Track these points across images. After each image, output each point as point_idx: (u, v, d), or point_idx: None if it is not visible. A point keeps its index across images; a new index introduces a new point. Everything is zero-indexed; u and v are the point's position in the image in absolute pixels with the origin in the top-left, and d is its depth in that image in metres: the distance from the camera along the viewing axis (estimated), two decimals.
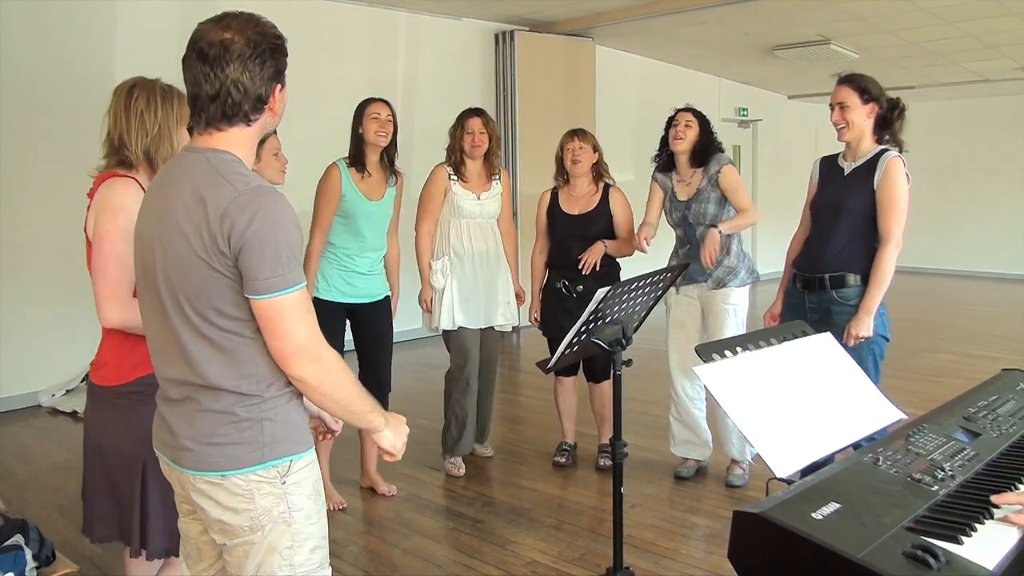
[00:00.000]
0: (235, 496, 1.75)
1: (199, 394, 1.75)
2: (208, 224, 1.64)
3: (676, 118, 4.40)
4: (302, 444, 1.82)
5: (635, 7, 8.32)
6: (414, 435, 5.68)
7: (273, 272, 1.65)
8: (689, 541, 3.76)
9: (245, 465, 1.74)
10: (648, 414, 5.59)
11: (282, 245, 1.66)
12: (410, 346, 7.75)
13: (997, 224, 13.28)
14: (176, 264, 1.70)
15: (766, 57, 10.37)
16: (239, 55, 1.71)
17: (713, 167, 4.28)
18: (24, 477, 4.76)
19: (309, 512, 1.81)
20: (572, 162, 4.52)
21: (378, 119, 4.10)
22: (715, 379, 1.99)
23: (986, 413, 2.14)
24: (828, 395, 2.15)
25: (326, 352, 1.74)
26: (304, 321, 1.70)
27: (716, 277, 4.28)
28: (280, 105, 1.81)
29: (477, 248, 4.51)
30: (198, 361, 1.73)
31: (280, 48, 1.78)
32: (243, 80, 1.71)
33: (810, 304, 3.57)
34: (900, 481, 1.71)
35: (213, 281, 1.68)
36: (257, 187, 1.68)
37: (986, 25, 8.43)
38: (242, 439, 1.74)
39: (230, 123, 1.75)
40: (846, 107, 3.50)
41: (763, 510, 1.51)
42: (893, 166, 3.42)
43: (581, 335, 2.71)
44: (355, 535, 3.90)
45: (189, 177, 1.72)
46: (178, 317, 1.73)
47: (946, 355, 7.50)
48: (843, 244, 3.50)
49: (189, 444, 1.77)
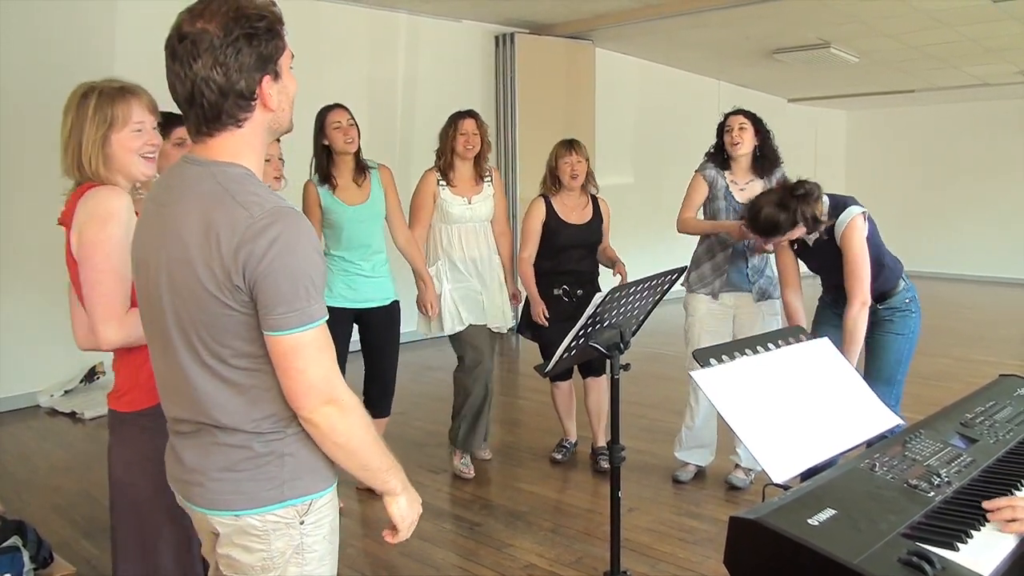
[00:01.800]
0: (249, 536, 1.60)
1: (214, 429, 1.59)
2: (221, 257, 1.45)
3: (728, 122, 4.31)
4: (325, 480, 1.66)
5: (635, 10, 8.32)
6: (413, 437, 5.70)
7: (290, 307, 1.47)
8: (686, 545, 3.75)
9: (262, 504, 1.58)
10: (645, 417, 5.59)
11: (300, 276, 1.47)
12: (409, 348, 7.73)
13: (996, 228, 13.29)
14: (186, 299, 1.52)
15: (766, 60, 10.38)
16: (208, 47, 1.46)
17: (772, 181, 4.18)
18: (22, 477, 4.75)
19: (323, 554, 1.67)
20: (571, 177, 4.51)
21: (340, 127, 4.06)
22: (713, 384, 2.00)
23: (983, 419, 2.15)
24: (825, 400, 2.15)
25: (344, 396, 1.55)
26: (320, 361, 1.52)
27: (760, 288, 4.25)
28: (277, 99, 1.57)
29: (470, 254, 4.48)
30: (211, 402, 1.56)
31: (260, 32, 1.50)
32: (214, 76, 1.47)
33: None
34: (896, 487, 1.71)
35: (227, 319, 1.50)
36: (273, 209, 1.47)
37: (986, 29, 8.44)
38: (260, 475, 1.58)
39: (216, 127, 1.53)
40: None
41: (759, 516, 1.51)
42: (851, 227, 3.41)
43: (579, 339, 2.71)
44: (352, 537, 3.89)
45: (195, 197, 1.51)
46: (189, 355, 1.56)
47: (944, 359, 7.50)
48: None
49: (200, 479, 1.61)
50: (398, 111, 8.47)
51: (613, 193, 4.77)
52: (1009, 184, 13.14)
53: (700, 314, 4.36)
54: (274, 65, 1.54)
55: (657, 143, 10.94)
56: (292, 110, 1.64)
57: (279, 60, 1.56)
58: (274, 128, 1.61)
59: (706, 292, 4.31)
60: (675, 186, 5.64)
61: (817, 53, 9.62)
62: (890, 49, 9.50)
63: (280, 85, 1.57)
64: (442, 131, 4.52)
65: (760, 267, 4.27)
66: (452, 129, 4.45)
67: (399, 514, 1.72)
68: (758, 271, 4.27)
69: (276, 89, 1.56)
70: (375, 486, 1.69)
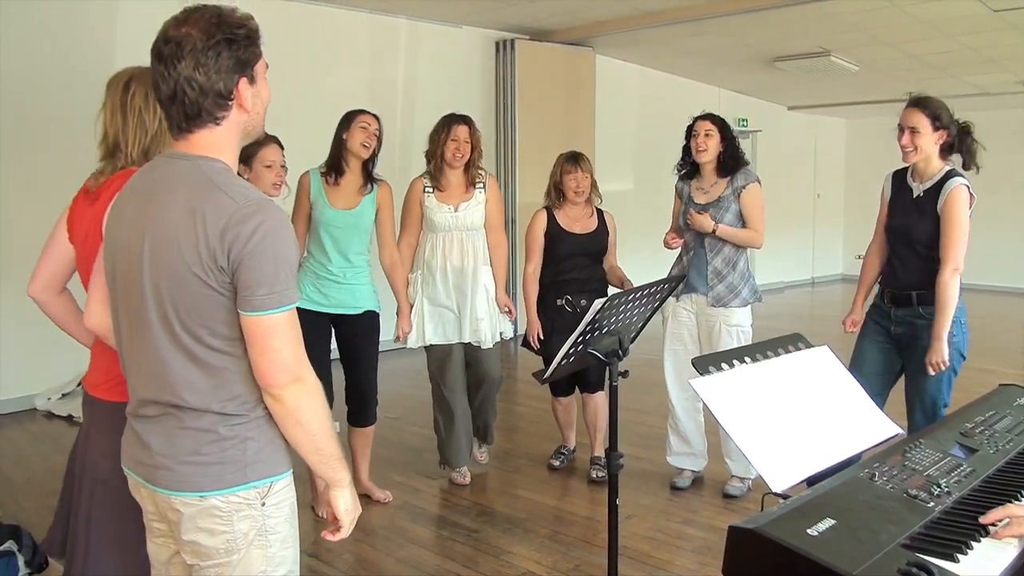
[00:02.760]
0: (213, 517, 1.68)
1: (179, 412, 1.68)
2: (207, 239, 1.57)
3: (695, 127, 4.33)
4: (283, 464, 1.75)
5: (635, 17, 8.32)
6: (410, 442, 5.69)
7: (271, 288, 1.59)
8: (684, 553, 3.74)
9: (227, 486, 1.67)
10: (644, 424, 5.58)
11: (282, 261, 1.61)
12: (405, 353, 7.70)
13: (996, 237, 13.26)
14: (168, 280, 1.62)
15: (766, 68, 10.38)
16: (191, 50, 1.60)
17: (740, 180, 4.26)
18: (19, 481, 4.74)
19: (285, 536, 1.76)
20: (576, 192, 4.51)
21: (366, 130, 4.04)
22: (711, 392, 1.99)
23: (983, 429, 2.14)
24: (825, 409, 2.14)
25: (310, 376, 1.67)
26: (293, 340, 1.64)
27: (716, 293, 4.24)
28: (252, 101, 1.70)
29: (452, 264, 4.36)
30: (181, 381, 1.65)
31: (239, 39, 1.65)
32: (196, 76, 1.61)
33: (896, 317, 3.64)
34: (896, 497, 1.70)
35: (206, 299, 1.61)
36: (258, 199, 1.62)
37: (986, 39, 8.44)
38: (224, 458, 1.67)
39: (196, 124, 1.66)
40: (916, 132, 3.55)
41: (758, 525, 1.50)
42: (955, 195, 3.48)
43: (578, 346, 2.70)
44: (348, 543, 3.87)
45: (183, 186, 1.63)
46: (165, 335, 1.65)
47: None
48: (921, 267, 3.58)
49: (168, 463, 1.69)
50: (398, 116, 8.46)
51: (613, 200, 4.77)
52: (1009, 193, 13.13)
53: (666, 314, 4.43)
54: (251, 70, 1.69)
55: (657, 150, 10.88)
56: (265, 116, 1.78)
57: (255, 66, 1.71)
58: (248, 130, 1.75)
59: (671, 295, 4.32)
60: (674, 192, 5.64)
61: (817, 61, 9.63)
62: (890, 58, 9.50)
63: (255, 89, 1.72)
64: (433, 132, 4.42)
65: (722, 272, 4.25)
66: (444, 133, 4.35)
67: (344, 507, 1.79)
68: (719, 275, 4.25)
69: (251, 92, 1.70)
70: (325, 474, 1.76)
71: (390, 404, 4.99)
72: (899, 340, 3.62)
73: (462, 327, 4.40)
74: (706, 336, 4.30)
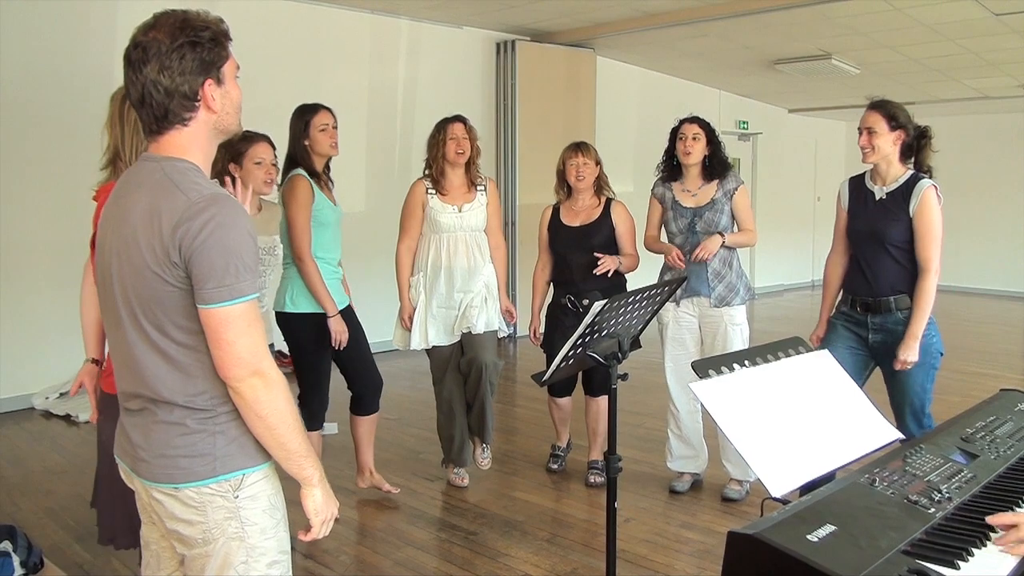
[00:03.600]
0: (189, 508, 1.74)
1: (154, 406, 1.74)
2: (162, 236, 1.62)
3: (682, 130, 4.34)
4: (256, 457, 1.78)
5: (636, 19, 8.32)
6: (408, 444, 5.69)
7: (220, 281, 1.62)
8: (683, 556, 3.73)
9: (198, 478, 1.72)
10: (643, 427, 5.57)
11: (232, 254, 1.63)
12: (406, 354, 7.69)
13: (996, 241, 13.28)
14: (132, 277, 1.68)
15: (767, 71, 10.37)
16: (155, 53, 1.66)
17: (731, 183, 4.31)
18: (16, 481, 4.73)
19: (264, 527, 1.78)
20: (577, 178, 4.48)
21: (327, 130, 3.97)
22: (711, 396, 1.98)
23: (984, 434, 2.13)
24: (825, 413, 2.13)
25: (270, 370, 1.69)
26: (248, 334, 1.66)
27: (719, 294, 4.25)
28: (220, 102, 1.74)
29: (457, 264, 4.35)
30: (152, 375, 1.71)
31: (203, 41, 1.69)
32: (161, 79, 1.66)
33: (873, 325, 3.63)
34: (897, 503, 1.69)
35: (167, 294, 1.66)
36: (211, 195, 1.65)
37: (987, 43, 8.44)
38: (195, 451, 1.72)
39: (165, 126, 1.71)
40: (874, 132, 3.59)
41: (758, 531, 1.49)
42: (928, 196, 3.54)
43: (577, 348, 2.69)
44: (347, 545, 3.87)
45: (146, 188, 1.69)
46: (135, 330, 1.72)
47: (943, 372, 7.35)
48: (897, 270, 3.60)
49: (144, 455, 1.76)
50: (398, 117, 8.46)
51: None
52: (1008, 197, 13.12)
53: (664, 321, 4.39)
54: (217, 71, 1.73)
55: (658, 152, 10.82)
56: (238, 115, 1.81)
57: (222, 67, 1.74)
58: (220, 129, 1.78)
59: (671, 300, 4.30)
60: None
61: (818, 64, 9.62)
62: (891, 61, 9.50)
63: (223, 90, 1.75)
64: (430, 138, 4.41)
65: (721, 272, 4.26)
66: (441, 135, 4.34)
67: (313, 508, 1.80)
68: (718, 276, 4.26)
69: (219, 93, 1.74)
70: (292, 471, 1.77)
71: (389, 405, 4.96)
72: (876, 347, 3.61)
73: (462, 320, 4.39)
74: (711, 338, 4.28)
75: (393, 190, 7.89)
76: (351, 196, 7.93)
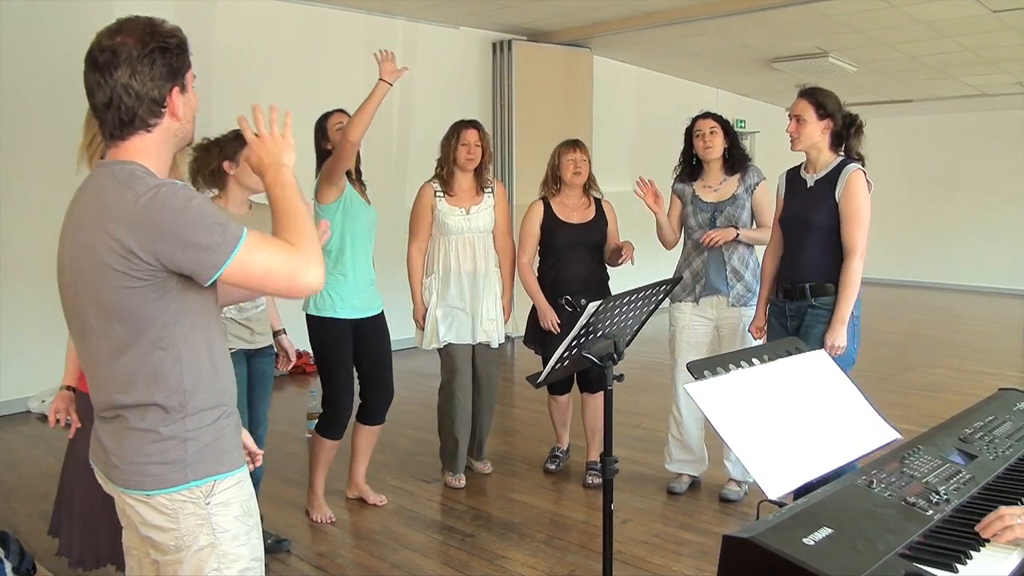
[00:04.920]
0: (161, 515, 1.74)
1: (126, 412, 1.73)
2: (116, 233, 1.61)
3: (697, 127, 4.31)
4: (228, 464, 1.78)
5: (633, 18, 8.30)
6: (405, 446, 5.66)
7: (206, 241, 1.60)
8: (681, 558, 3.71)
9: (169, 485, 1.72)
10: (641, 427, 5.54)
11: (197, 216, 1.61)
12: (403, 355, 7.68)
13: (994, 238, 13.25)
14: (95, 281, 1.66)
15: (764, 69, 10.36)
16: (127, 58, 1.66)
17: (752, 178, 4.30)
18: (11, 484, 4.70)
19: (236, 533, 1.78)
20: (574, 173, 4.48)
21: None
22: (707, 397, 1.96)
23: (983, 434, 2.11)
24: (822, 414, 2.11)
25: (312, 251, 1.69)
26: (270, 258, 1.64)
27: (737, 293, 4.22)
28: (183, 109, 1.75)
29: (465, 267, 4.39)
30: (122, 378, 1.71)
31: (172, 48, 1.71)
32: (133, 84, 1.67)
33: (790, 312, 3.71)
34: (894, 505, 1.67)
35: (129, 291, 1.64)
36: (157, 184, 1.64)
37: (985, 40, 8.42)
38: (166, 458, 1.72)
39: (129, 131, 1.71)
40: (802, 120, 3.63)
41: (754, 535, 1.47)
42: (854, 180, 3.54)
43: (572, 349, 2.67)
44: (343, 548, 3.85)
45: (95, 192, 1.69)
46: (102, 336, 1.70)
47: (942, 370, 7.47)
48: (817, 256, 3.63)
49: (117, 461, 1.75)
50: (394, 118, 8.43)
51: (611, 201, 4.73)
52: (1006, 195, 13.10)
53: (681, 324, 4.36)
54: (182, 78, 1.75)
55: (655, 151, 10.81)
56: (194, 124, 1.83)
57: (186, 75, 1.76)
58: (179, 137, 1.79)
59: (690, 299, 4.30)
60: None
61: (815, 62, 9.60)
62: (888, 59, 9.48)
63: (186, 98, 1.76)
64: (444, 140, 4.47)
65: (740, 271, 4.23)
66: (454, 139, 4.39)
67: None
68: (737, 275, 4.23)
69: (183, 100, 1.75)
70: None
71: None
72: (793, 334, 3.62)
73: (474, 328, 4.45)
74: (730, 337, 4.23)
75: (389, 191, 7.89)
76: None
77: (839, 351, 3.46)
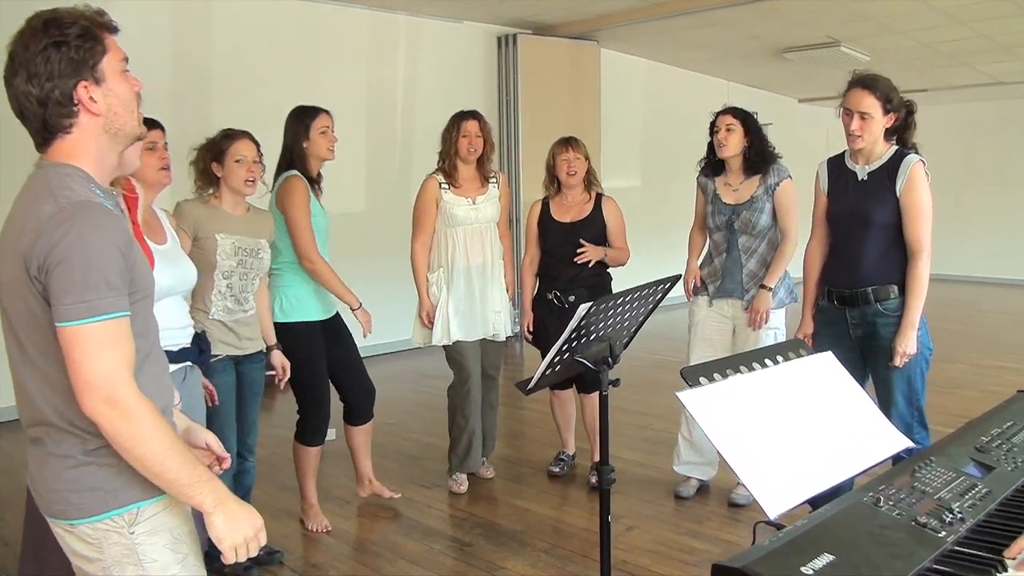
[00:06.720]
0: (86, 544, 1.64)
1: (46, 436, 1.62)
2: (26, 248, 1.51)
3: (716, 122, 4.13)
4: (152, 489, 1.63)
5: (640, 9, 8.16)
6: (407, 449, 5.54)
7: (79, 297, 1.48)
8: (687, 567, 3.56)
9: (89, 514, 1.61)
10: (650, 428, 5.40)
11: (92, 268, 1.49)
12: (407, 356, 7.59)
13: (1012, 229, 13.04)
14: (12, 294, 1.57)
15: (775, 60, 10.19)
16: (21, 62, 1.54)
17: (773, 177, 4.04)
18: (6, 494, 4.62)
19: (166, 563, 1.66)
20: (568, 174, 4.39)
21: (326, 133, 3.88)
22: (701, 406, 1.83)
23: (1000, 443, 1.95)
24: (827, 423, 1.97)
25: (128, 398, 1.52)
26: (101, 356, 1.50)
27: (752, 296, 4.04)
28: (104, 103, 1.60)
29: (474, 259, 4.32)
30: (39, 397, 1.60)
31: (70, 39, 1.55)
32: (31, 89, 1.54)
33: (852, 320, 3.37)
34: (903, 526, 1.52)
35: (41, 309, 1.53)
36: (78, 203, 1.51)
37: (1000, 26, 8.23)
38: (84, 485, 1.60)
39: (48, 135, 1.60)
40: (867, 116, 3.25)
41: (746, 564, 1.34)
42: (916, 172, 3.25)
43: (564, 353, 2.53)
44: (337, 559, 3.73)
45: (28, 197, 1.58)
46: (19, 351, 1.61)
47: (960, 365, 7.27)
48: (878, 255, 3.32)
49: (40, 489, 1.66)
50: (398, 114, 8.32)
51: (619, 197, 4.62)
52: (1022, 184, 12.90)
53: (697, 319, 4.23)
54: (92, 70, 1.57)
55: (664, 145, 10.74)
56: (133, 114, 1.66)
57: (98, 65, 1.58)
58: (113, 132, 1.63)
59: (704, 296, 4.19)
60: (682, 189, 5.46)
61: (827, 52, 9.43)
62: (901, 47, 9.30)
63: (104, 89, 1.59)
64: (444, 132, 4.39)
65: (758, 275, 4.05)
66: (454, 130, 4.32)
67: (216, 535, 1.61)
68: (754, 278, 4.05)
69: (100, 93, 1.59)
70: (184, 501, 1.64)
71: (389, 409, 4.82)
72: (860, 343, 3.36)
73: (483, 321, 4.38)
74: (743, 341, 4.05)
75: (393, 189, 7.79)
76: (351, 195, 7.82)
77: (908, 358, 3.22)
